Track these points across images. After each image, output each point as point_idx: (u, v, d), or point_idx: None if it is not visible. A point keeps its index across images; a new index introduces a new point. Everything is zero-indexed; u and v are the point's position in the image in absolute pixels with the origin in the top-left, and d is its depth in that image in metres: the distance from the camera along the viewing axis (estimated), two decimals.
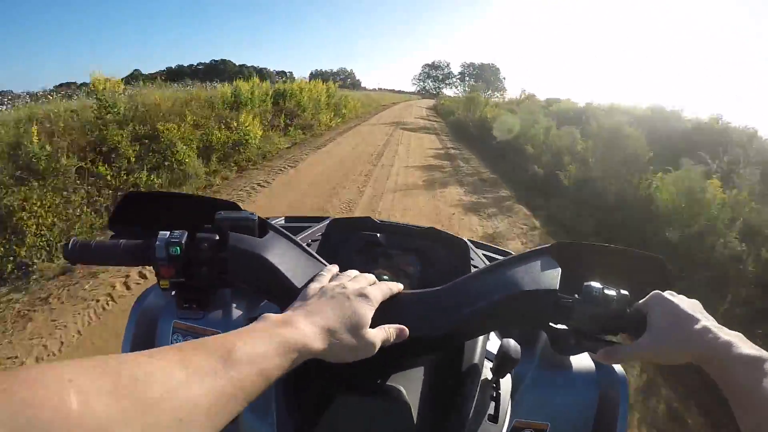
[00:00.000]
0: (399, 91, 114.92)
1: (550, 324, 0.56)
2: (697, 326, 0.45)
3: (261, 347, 0.36)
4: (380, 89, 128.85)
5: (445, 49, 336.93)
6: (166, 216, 0.59)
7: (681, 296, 0.50)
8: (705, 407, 2.18)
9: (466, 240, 0.79)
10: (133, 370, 0.27)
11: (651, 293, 0.51)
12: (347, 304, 0.46)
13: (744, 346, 0.42)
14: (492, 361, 0.55)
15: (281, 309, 0.48)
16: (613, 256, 0.60)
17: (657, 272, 0.59)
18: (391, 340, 0.47)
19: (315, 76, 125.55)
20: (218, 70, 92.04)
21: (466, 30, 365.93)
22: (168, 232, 0.55)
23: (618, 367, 0.71)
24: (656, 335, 0.47)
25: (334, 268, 0.56)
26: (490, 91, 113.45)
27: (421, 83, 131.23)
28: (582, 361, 0.72)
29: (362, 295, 0.48)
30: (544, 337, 0.72)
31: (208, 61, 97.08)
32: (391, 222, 0.84)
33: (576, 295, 0.51)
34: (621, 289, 0.51)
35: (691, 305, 0.48)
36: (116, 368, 0.27)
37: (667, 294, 0.50)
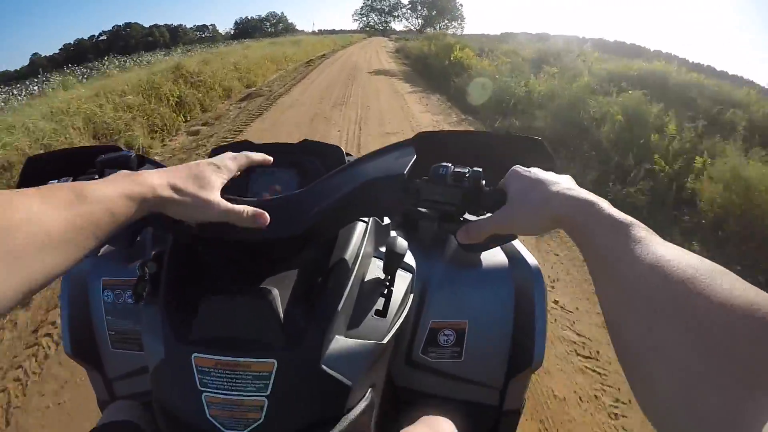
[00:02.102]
0: (340, 31, 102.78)
1: (412, 209, 0.57)
2: (554, 188, 0.45)
3: (110, 190, 0.39)
4: (319, 31, 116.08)
5: None
6: (61, 170, 0.63)
7: (549, 172, 0.50)
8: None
9: (340, 147, 0.75)
10: None
11: (511, 168, 0.51)
12: (197, 167, 0.50)
13: (605, 206, 0.40)
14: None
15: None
16: (484, 142, 0.63)
17: (537, 155, 0.58)
18: (245, 217, 0.49)
19: (240, 25, 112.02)
20: (124, 38, 78.70)
21: None
22: (55, 181, 0.59)
23: (531, 259, 0.74)
24: (514, 204, 0.47)
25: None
26: (446, 22, 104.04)
27: (364, 18, 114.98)
28: (495, 256, 0.75)
29: (213, 164, 0.51)
30: (453, 242, 0.75)
31: (111, 28, 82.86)
32: (268, 143, 0.78)
33: (424, 178, 0.53)
34: (475, 167, 0.52)
35: (555, 175, 0.48)
36: None
37: (531, 168, 0.50)
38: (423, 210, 0.57)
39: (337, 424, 0.50)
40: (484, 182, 0.51)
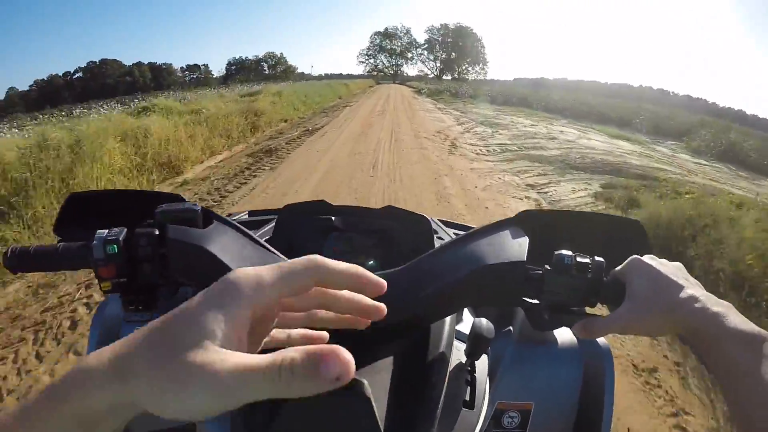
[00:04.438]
0: (347, 76, 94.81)
1: (523, 299, 0.55)
2: (683, 294, 0.43)
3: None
4: (326, 75, 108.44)
5: (400, 11, 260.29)
6: (109, 214, 0.58)
7: (662, 260, 0.49)
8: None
9: (427, 216, 0.78)
10: None
11: (629, 258, 0.49)
12: (180, 315, 0.26)
13: (737, 319, 0.40)
14: (465, 343, 0.57)
15: None
16: (586, 223, 0.62)
17: (634, 237, 0.59)
18: (280, 381, 0.23)
19: (233, 66, 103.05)
20: (100, 76, 70.74)
21: None
22: (106, 231, 0.52)
23: (602, 339, 0.71)
24: (637, 304, 0.45)
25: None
26: (466, 66, 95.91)
27: (371, 60, 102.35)
28: (564, 335, 0.72)
29: (224, 289, 0.27)
30: (522, 314, 0.71)
31: (84, 65, 75.32)
32: (347, 205, 0.82)
33: (546, 266, 0.50)
34: (596, 256, 0.50)
35: (674, 269, 0.47)
36: None
37: (647, 258, 0.48)
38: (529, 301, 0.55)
39: None
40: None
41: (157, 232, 0.52)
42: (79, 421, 0.24)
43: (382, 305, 0.33)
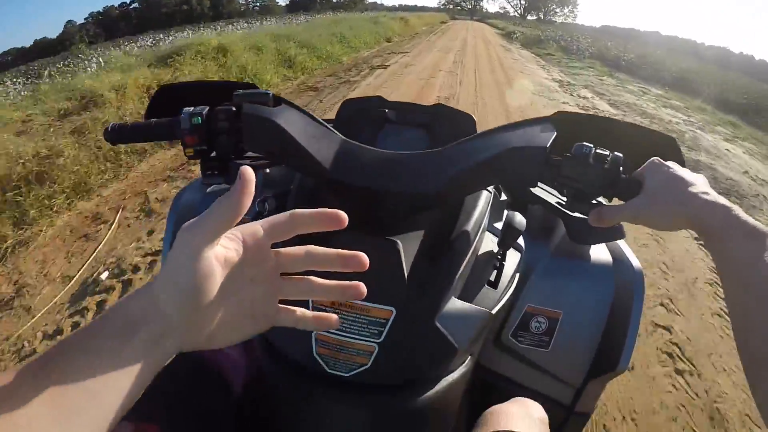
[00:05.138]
0: (421, 8, 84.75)
1: (540, 187, 0.69)
2: (693, 189, 0.45)
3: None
4: (400, 6, 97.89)
5: None
6: (193, 102, 0.63)
7: (685, 168, 0.50)
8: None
9: (471, 115, 0.81)
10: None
11: (649, 160, 0.51)
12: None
13: (743, 215, 0.42)
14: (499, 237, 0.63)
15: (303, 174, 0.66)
16: (621, 130, 0.63)
17: (669, 152, 0.58)
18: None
19: None
20: (156, 5, 67.25)
21: None
22: (192, 108, 0.61)
23: (636, 262, 0.74)
24: (650, 197, 0.48)
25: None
26: (554, 7, 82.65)
27: None
28: (599, 252, 0.75)
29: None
30: (562, 229, 0.75)
31: None
32: (402, 101, 0.85)
33: (567, 154, 0.53)
34: (616, 152, 0.52)
35: (692, 175, 0.49)
36: None
37: (668, 162, 0.50)
38: (546, 193, 0.65)
39: (438, 384, 0.53)
40: (621, 168, 0.52)
41: (234, 109, 0.59)
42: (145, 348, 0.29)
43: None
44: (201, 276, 0.30)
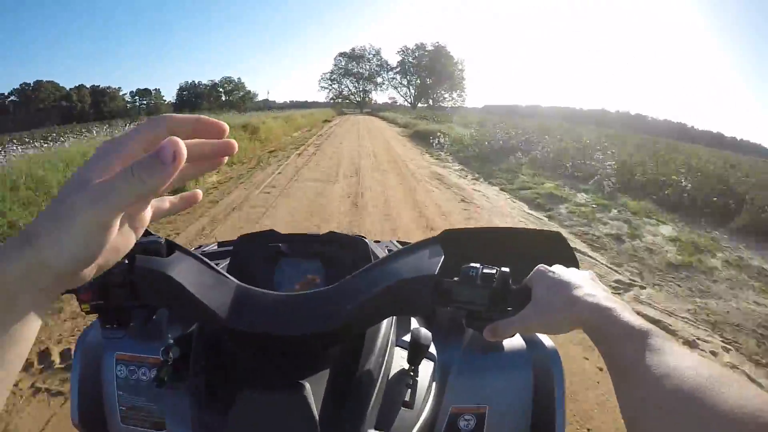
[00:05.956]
0: (313, 104, 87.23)
1: (435, 309, 0.69)
2: (578, 292, 0.46)
3: None
4: (292, 102, 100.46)
5: (370, 32, 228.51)
6: None
7: (572, 268, 0.53)
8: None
9: (365, 239, 0.84)
10: None
11: (535, 268, 0.53)
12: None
13: (627, 314, 0.42)
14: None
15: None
16: (507, 237, 0.65)
17: (558, 247, 0.62)
18: (133, 176, 0.29)
19: (185, 91, 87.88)
20: (33, 101, 63.23)
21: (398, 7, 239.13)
22: None
23: (549, 342, 0.75)
24: (538, 305, 0.49)
25: None
26: (442, 92, 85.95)
27: (335, 86, 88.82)
28: (513, 341, 0.75)
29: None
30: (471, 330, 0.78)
31: (18, 86, 67.09)
32: (294, 233, 0.87)
33: (455, 278, 0.55)
34: (503, 267, 0.54)
35: (578, 275, 0.50)
36: None
37: (554, 267, 0.52)
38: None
39: None
40: (510, 280, 0.54)
41: (126, 262, 0.57)
42: None
43: (233, 141, 0.36)
44: (96, 246, 0.30)
